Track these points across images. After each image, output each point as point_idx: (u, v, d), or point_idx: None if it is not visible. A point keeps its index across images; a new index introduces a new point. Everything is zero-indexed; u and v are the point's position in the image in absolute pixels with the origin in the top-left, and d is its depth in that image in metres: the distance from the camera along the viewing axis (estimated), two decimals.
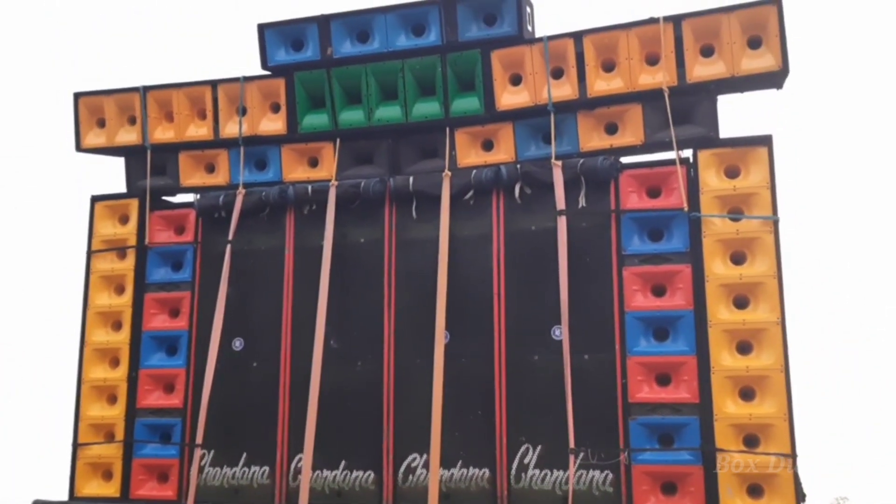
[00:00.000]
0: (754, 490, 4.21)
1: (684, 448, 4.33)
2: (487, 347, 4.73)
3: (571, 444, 4.35)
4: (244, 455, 5.05)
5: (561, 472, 4.47)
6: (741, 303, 4.44)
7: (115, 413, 5.28)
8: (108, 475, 5.24)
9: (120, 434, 5.24)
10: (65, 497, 5.26)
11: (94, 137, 5.68)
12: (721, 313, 4.41)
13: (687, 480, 4.30)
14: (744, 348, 4.39)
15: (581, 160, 4.76)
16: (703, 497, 4.25)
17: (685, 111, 4.70)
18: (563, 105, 4.85)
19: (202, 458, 5.05)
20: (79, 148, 5.71)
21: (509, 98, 4.96)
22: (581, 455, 4.40)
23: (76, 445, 5.31)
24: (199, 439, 4.97)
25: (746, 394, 4.34)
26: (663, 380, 4.47)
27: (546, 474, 4.51)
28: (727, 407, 4.31)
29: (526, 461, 4.56)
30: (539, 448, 4.55)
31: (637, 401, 4.44)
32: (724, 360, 4.36)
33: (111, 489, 5.20)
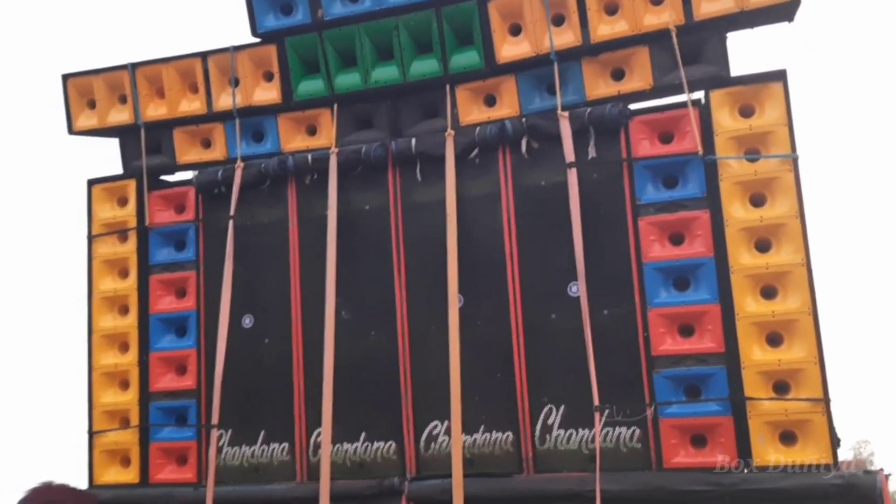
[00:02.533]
0: (787, 437, 4.09)
1: (712, 399, 4.20)
2: (503, 309, 4.60)
3: (596, 402, 4.23)
4: (262, 433, 4.96)
5: (586, 431, 4.36)
6: (763, 246, 4.28)
7: (128, 398, 5.19)
8: (126, 461, 5.17)
9: (135, 419, 5.15)
10: (84, 485, 5.20)
11: (86, 119, 5.53)
12: (743, 258, 4.26)
13: (717, 431, 4.18)
14: (768, 293, 4.24)
15: (588, 109, 4.58)
16: (734, 447, 4.13)
17: (694, 51, 4.50)
18: (567, 53, 4.65)
19: (220, 438, 4.96)
20: (71, 131, 5.57)
21: (510, 49, 4.77)
22: (606, 412, 4.28)
23: (91, 433, 5.23)
24: (215, 420, 4.87)
25: (774, 339, 4.19)
26: (686, 330, 4.33)
27: (571, 434, 4.40)
28: (754, 354, 4.17)
29: (550, 422, 4.45)
30: (562, 408, 4.44)
31: (660, 353, 4.31)
32: (749, 306, 4.21)
33: (130, 475, 5.12)
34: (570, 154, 4.54)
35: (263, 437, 4.95)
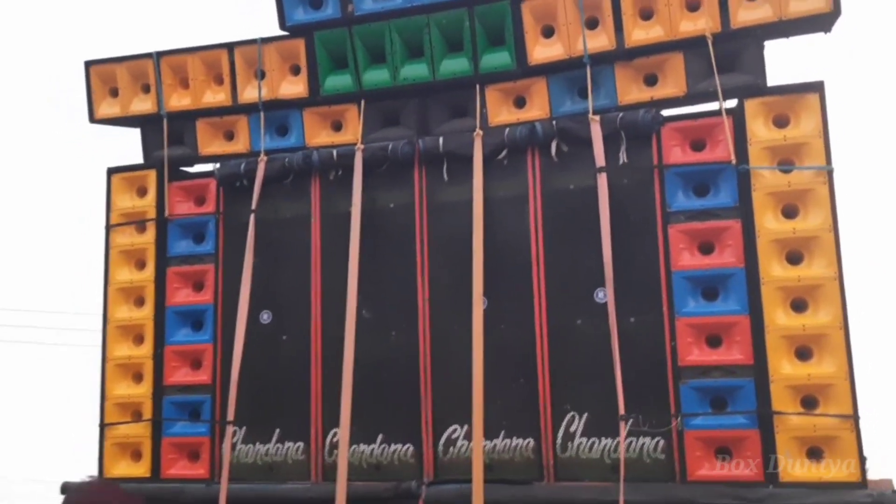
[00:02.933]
0: (814, 453, 4.03)
1: (739, 412, 4.14)
2: (527, 313, 4.53)
3: (621, 411, 4.16)
4: (277, 431, 4.88)
5: (609, 440, 4.30)
6: (795, 258, 4.23)
7: (141, 391, 5.12)
8: (137, 455, 5.09)
9: (147, 413, 5.07)
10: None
11: (108, 107, 5.46)
12: (774, 270, 4.20)
13: (742, 445, 4.11)
14: (799, 306, 4.18)
15: (620, 114, 4.53)
16: (760, 462, 4.07)
17: (730, 59, 4.45)
18: (600, 56, 4.60)
19: (234, 435, 4.89)
20: (92, 119, 5.50)
21: (542, 51, 4.72)
22: (630, 422, 4.21)
23: (103, 426, 5.15)
24: (230, 416, 4.80)
25: (803, 353, 4.13)
26: (714, 341, 4.27)
27: (594, 442, 4.33)
28: (783, 367, 4.10)
29: (572, 429, 4.38)
30: (585, 415, 4.37)
31: (687, 364, 4.25)
32: (779, 318, 4.15)
33: (141, 469, 5.04)
34: (600, 158, 4.49)
35: (278, 436, 4.88)
